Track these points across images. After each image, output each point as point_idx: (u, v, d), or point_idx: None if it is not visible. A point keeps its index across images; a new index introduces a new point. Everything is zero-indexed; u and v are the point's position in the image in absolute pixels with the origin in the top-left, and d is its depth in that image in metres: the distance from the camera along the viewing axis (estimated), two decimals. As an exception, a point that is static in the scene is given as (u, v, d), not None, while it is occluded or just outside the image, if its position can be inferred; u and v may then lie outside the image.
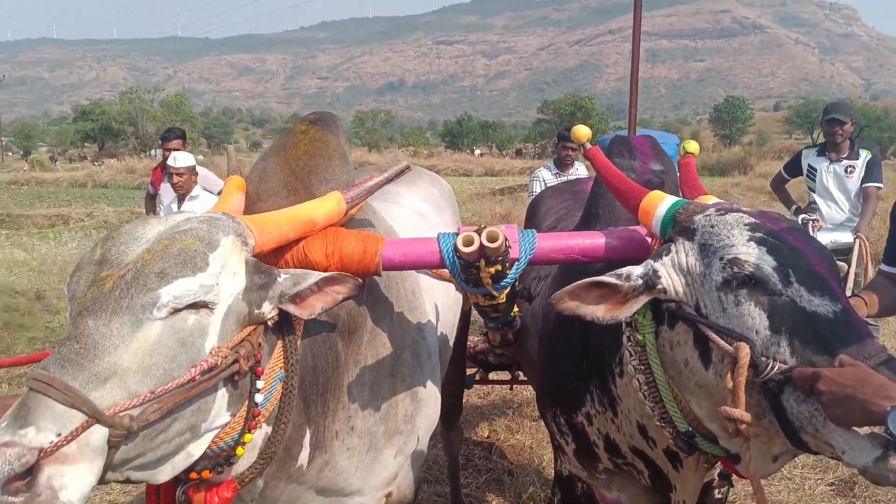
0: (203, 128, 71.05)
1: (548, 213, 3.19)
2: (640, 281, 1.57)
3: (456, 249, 1.70)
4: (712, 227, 1.55)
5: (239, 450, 1.62)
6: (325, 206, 1.76)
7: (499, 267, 1.70)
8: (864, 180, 5.47)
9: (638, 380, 1.66)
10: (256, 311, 1.57)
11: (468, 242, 1.66)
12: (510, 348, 2.98)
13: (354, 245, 1.74)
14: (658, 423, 1.66)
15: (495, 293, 1.79)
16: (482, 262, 1.69)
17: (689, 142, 2.28)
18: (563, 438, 2.21)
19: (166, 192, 6.42)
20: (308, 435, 1.83)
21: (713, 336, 1.47)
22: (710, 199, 1.78)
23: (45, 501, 1.21)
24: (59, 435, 1.23)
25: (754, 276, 1.44)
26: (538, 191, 6.16)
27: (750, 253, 1.46)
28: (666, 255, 1.59)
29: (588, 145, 2.05)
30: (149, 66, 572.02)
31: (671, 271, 1.58)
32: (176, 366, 1.40)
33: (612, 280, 1.57)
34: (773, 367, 1.38)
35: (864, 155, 5.57)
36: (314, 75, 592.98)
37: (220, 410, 1.53)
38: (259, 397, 1.60)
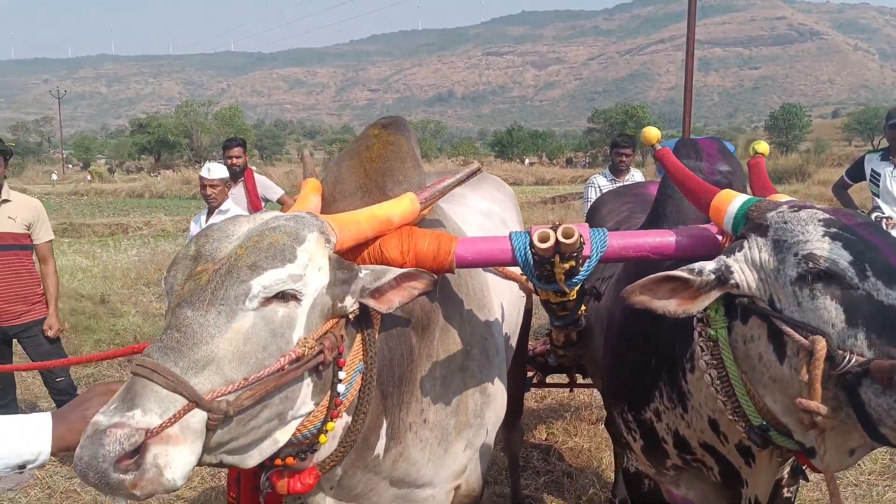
0: (256, 140, 72.53)
1: (609, 216, 3.22)
2: (713, 276, 1.59)
3: (531, 245, 1.74)
4: (786, 223, 1.56)
5: (322, 437, 1.70)
6: (401, 206, 1.83)
7: (573, 263, 1.74)
8: None
9: (710, 374, 1.67)
10: (339, 305, 1.64)
11: (544, 238, 1.70)
12: (572, 349, 2.98)
13: (429, 243, 1.80)
14: (731, 418, 1.67)
15: (567, 289, 1.83)
16: (556, 259, 1.72)
17: (760, 142, 2.30)
18: (630, 435, 2.22)
19: (237, 197, 6.62)
20: (385, 426, 1.89)
21: (788, 330, 1.47)
22: (782, 198, 1.76)
23: (151, 479, 1.28)
24: (162, 417, 1.30)
25: (830, 271, 1.44)
26: (594, 197, 6.20)
27: (825, 248, 1.46)
28: (739, 250, 1.61)
29: (658, 146, 2.08)
30: (203, 80, 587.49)
31: (744, 267, 1.59)
32: (267, 355, 1.47)
33: (685, 274, 1.59)
34: (850, 360, 1.38)
35: None
36: (364, 87, 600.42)
37: (305, 399, 1.60)
38: (341, 387, 1.68)
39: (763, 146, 2.25)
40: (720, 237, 1.78)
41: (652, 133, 2.11)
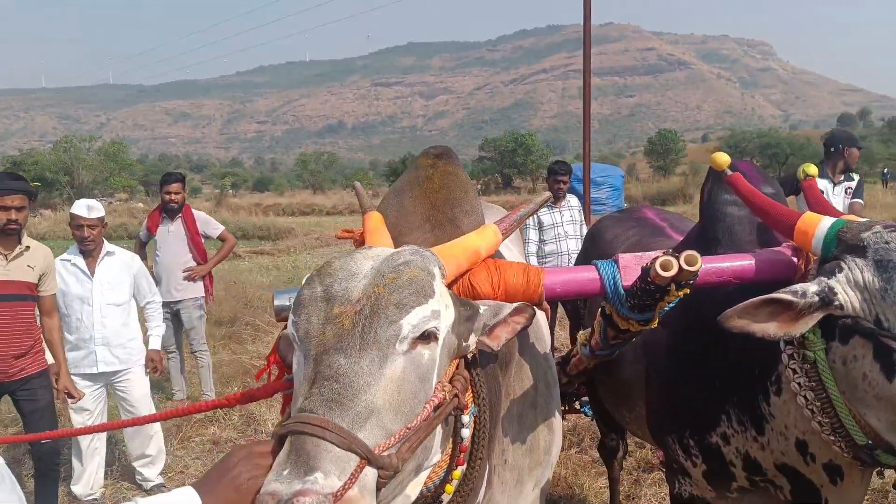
0: (142, 175, 69.76)
1: (615, 241, 3.18)
2: (817, 298, 1.58)
3: (649, 274, 1.63)
4: (887, 243, 1.57)
5: (448, 487, 1.60)
6: (486, 237, 1.75)
7: (687, 290, 1.65)
8: (853, 196, 6.20)
9: (806, 396, 1.67)
10: (464, 344, 1.55)
11: (667, 267, 1.58)
12: (582, 376, 2.83)
13: (518, 276, 1.74)
14: (829, 438, 1.68)
15: (658, 318, 1.76)
16: (672, 287, 1.64)
17: (809, 165, 2.33)
18: (689, 461, 2.19)
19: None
20: (487, 470, 1.79)
21: None
22: (857, 219, 1.76)
23: None
24: (341, 479, 1.20)
25: None
26: (532, 225, 6.43)
27: None
28: (839, 272, 1.60)
29: (728, 172, 2.09)
30: (80, 114, 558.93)
31: (847, 288, 1.59)
32: (417, 402, 1.39)
33: (789, 297, 1.58)
34: None
35: (856, 177, 6.31)
36: (252, 119, 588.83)
37: (436, 447, 1.50)
38: (465, 432, 1.59)
39: (813, 168, 2.28)
40: (795, 259, 1.79)
41: (722, 159, 2.13)
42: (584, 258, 3.31)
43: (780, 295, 1.60)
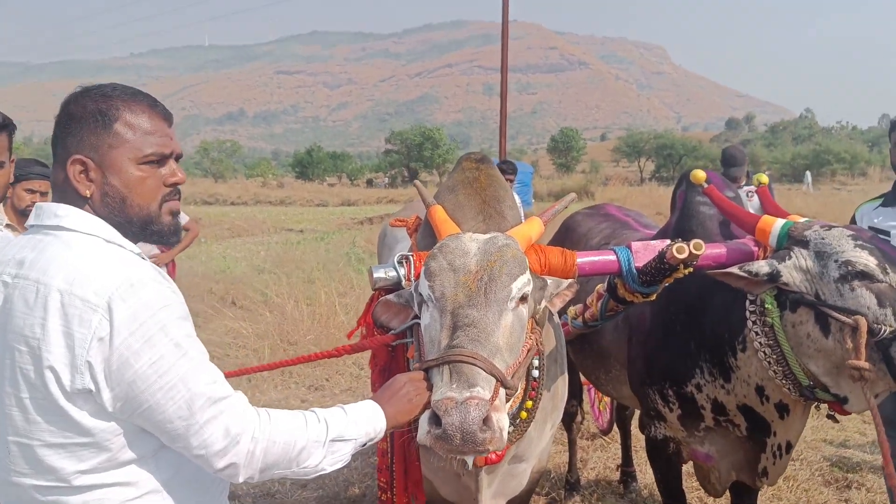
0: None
1: (590, 234, 3.68)
2: (766, 276, 2.15)
3: (666, 254, 2.13)
4: (823, 239, 2.14)
5: (523, 413, 2.10)
6: (535, 227, 2.14)
7: (691, 269, 2.19)
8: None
9: (765, 352, 2.22)
10: (537, 307, 2.00)
11: (681, 251, 2.10)
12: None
13: (558, 257, 2.16)
14: (781, 382, 2.23)
15: (658, 291, 2.31)
16: (681, 266, 2.16)
17: (761, 175, 2.94)
18: (667, 407, 2.70)
19: None
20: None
21: (835, 314, 2.03)
22: (800, 218, 2.33)
23: (499, 437, 1.61)
24: (489, 392, 1.63)
25: (864, 271, 2.02)
26: None
27: (859, 255, 2.05)
28: (788, 259, 2.17)
29: (705, 185, 2.62)
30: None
31: (793, 271, 2.15)
32: (519, 344, 1.85)
33: (745, 273, 2.16)
34: (885, 330, 1.96)
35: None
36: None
37: (521, 380, 1.97)
38: (535, 373, 2.10)
39: (764, 178, 2.90)
40: (756, 249, 2.32)
41: (701, 175, 2.64)
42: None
43: (741, 272, 2.17)
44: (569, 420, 4.07)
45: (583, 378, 3.87)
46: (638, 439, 4.19)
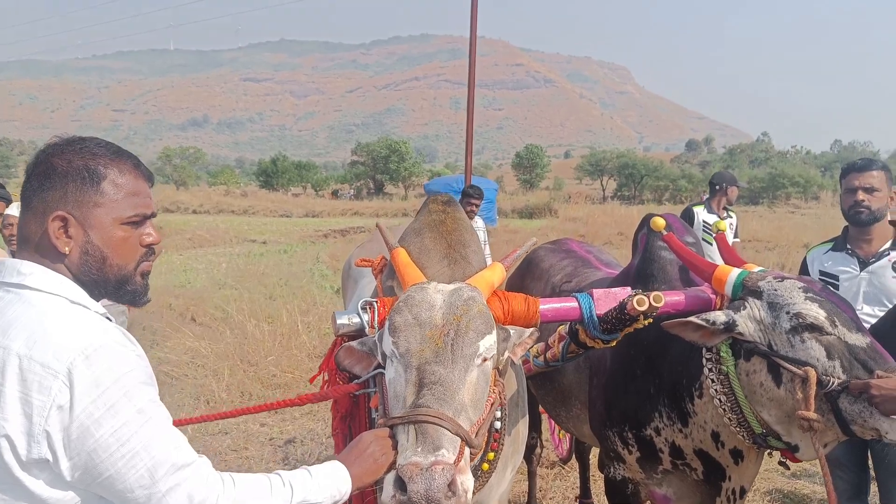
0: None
1: (552, 269, 3.69)
2: (722, 326, 2.20)
3: (625, 307, 2.17)
4: (775, 290, 2.20)
5: (484, 465, 2.14)
6: (497, 273, 2.15)
7: (651, 320, 2.23)
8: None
9: (720, 399, 2.27)
10: (500, 358, 2.01)
11: (641, 303, 2.15)
12: None
13: (521, 305, 2.16)
14: (735, 429, 2.28)
15: (618, 339, 2.33)
16: (641, 317, 2.20)
17: (720, 222, 3.05)
18: (626, 449, 2.74)
19: None
20: None
21: (786, 364, 2.09)
22: (754, 268, 2.39)
23: (462, 498, 1.64)
24: (454, 454, 1.66)
25: (814, 324, 2.08)
26: None
27: (809, 308, 2.11)
28: (743, 309, 2.22)
29: (664, 232, 2.68)
30: None
31: (747, 321, 2.20)
32: (483, 400, 1.88)
33: (703, 322, 2.21)
34: (833, 382, 2.01)
35: (734, 215, 7.01)
36: (108, 107, 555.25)
37: (483, 437, 2.00)
38: (497, 424, 2.13)
39: (723, 224, 3.05)
40: (713, 297, 2.37)
41: (661, 222, 2.71)
42: (521, 280, 3.77)
43: (699, 321, 2.21)
44: (528, 452, 4.09)
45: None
46: (596, 470, 4.25)
